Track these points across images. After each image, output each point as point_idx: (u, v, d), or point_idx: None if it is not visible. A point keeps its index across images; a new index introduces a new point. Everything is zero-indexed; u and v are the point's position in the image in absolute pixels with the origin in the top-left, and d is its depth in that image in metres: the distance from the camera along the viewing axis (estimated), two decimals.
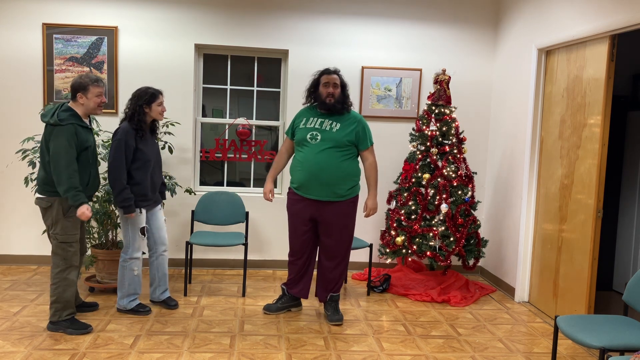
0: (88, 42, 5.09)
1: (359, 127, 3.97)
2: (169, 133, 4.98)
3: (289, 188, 4.10)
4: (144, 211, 4.00)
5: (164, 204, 4.27)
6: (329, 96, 3.93)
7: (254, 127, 5.47)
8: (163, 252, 4.22)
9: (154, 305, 4.25)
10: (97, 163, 3.87)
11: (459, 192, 4.77)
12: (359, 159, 4.07)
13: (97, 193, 4.36)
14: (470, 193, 4.82)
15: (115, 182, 3.83)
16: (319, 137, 3.90)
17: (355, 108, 5.33)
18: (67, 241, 3.61)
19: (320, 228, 4.02)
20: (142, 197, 3.95)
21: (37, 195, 3.63)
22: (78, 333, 3.65)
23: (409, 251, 4.79)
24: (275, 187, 5.57)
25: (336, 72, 4.01)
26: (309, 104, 4.10)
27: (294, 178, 4.02)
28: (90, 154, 3.65)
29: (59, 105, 3.60)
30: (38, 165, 4.75)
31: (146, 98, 3.92)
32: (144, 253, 4.07)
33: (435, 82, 4.93)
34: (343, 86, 4.00)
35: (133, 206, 3.87)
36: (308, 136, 3.93)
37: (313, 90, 4.03)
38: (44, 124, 3.57)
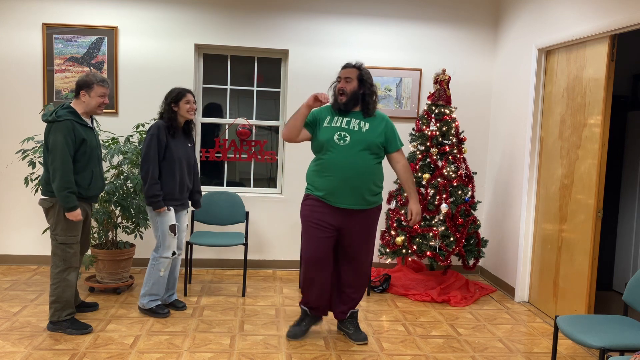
0: (88, 42, 5.09)
1: (387, 128, 3.60)
2: None
3: (308, 195, 3.65)
4: (172, 209, 4.00)
5: (188, 211, 4.26)
6: (339, 93, 3.57)
7: (254, 127, 5.47)
8: (177, 255, 4.19)
9: None
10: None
11: (459, 192, 4.77)
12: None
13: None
14: (470, 193, 4.82)
15: (147, 175, 3.86)
16: (348, 139, 3.49)
17: None
18: (66, 242, 3.62)
19: (345, 239, 3.62)
20: (168, 196, 3.96)
21: (40, 196, 3.66)
22: (78, 333, 3.66)
23: (409, 251, 4.79)
24: (275, 186, 5.58)
25: (354, 65, 3.60)
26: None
27: (320, 185, 3.56)
28: (90, 153, 3.64)
29: (61, 104, 3.63)
30: (38, 165, 4.75)
31: (173, 96, 3.97)
32: (174, 253, 4.05)
33: (435, 82, 4.93)
34: (362, 81, 3.56)
35: (161, 202, 3.89)
36: (336, 137, 3.50)
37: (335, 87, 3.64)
38: (45, 124, 3.59)
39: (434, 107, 4.89)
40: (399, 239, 4.71)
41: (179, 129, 4.04)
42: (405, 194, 4.84)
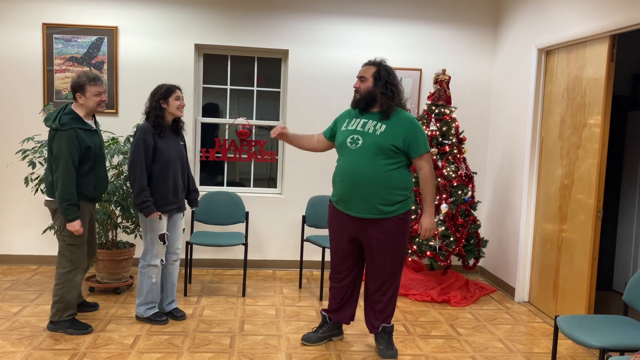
0: (88, 42, 5.09)
1: (409, 131, 3.29)
2: None
3: (330, 200, 3.58)
4: (164, 217, 3.83)
5: (184, 213, 4.09)
6: (355, 92, 3.42)
7: (254, 127, 5.48)
8: (173, 261, 4.05)
9: None
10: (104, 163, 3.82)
11: (459, 192, 4.77)
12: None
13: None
14: (470, 193, 4.82)
15: (135, 183, 3.69)
16: (360, 142, 3.30)
17: None
18: (74, 243, 3.61)
19: (365, 249, 3.46)
20: (163, 200, 3.79)
21: (46, 197, 3.64)
22: (78, 333, 3.66)
23: (409, 251, 4.79)
24: (275, 187, 5.58)
25: (372, 62, 3.42)
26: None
27: (334, 190, 3.46)
28: (95, 156, 3.61)
29: (62, 107, 3.57)
30: (39, 165, 4.76)
31: (162, 93, 3.77)
32: (162, 261, 3.91)
33: (435, 82, 4.93)
34: (377, 79, 3.35)
35: (152, 207, 3.70)
36: (348, 140, 3.34)
37: None
38: (48, 128, 3.56)
39: (434, 107, 4.89)
40: None
41: (166, 127, 3.82)
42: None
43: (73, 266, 3.63)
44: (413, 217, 4.73)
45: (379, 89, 3.34)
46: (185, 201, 4.12)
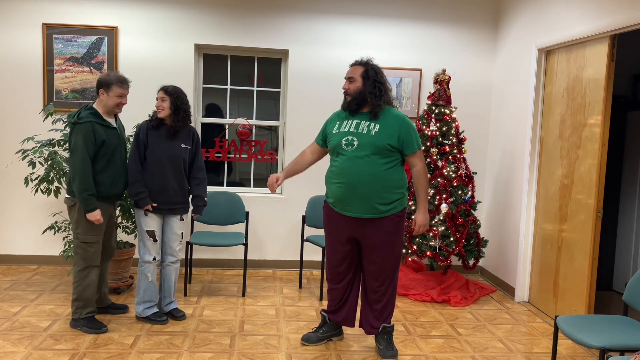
0: (88, 42, 5.09)
1: (402, 129, 3.32)
2: None
3: (324, 201, 3.58)
4: (154, 215, 3.83)
5: (184, 217, 4.00)
6: (345, 94, 3.43)
7: (254, 127, 5.48)
8: (170, 263, 4.00)
9: None
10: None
11: (459, 192, 4.77)
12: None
13: None
14: (470, 193, 4.82)
15: (128, 174, 3.81)
16: (355, 143, 3.31)
17: None
18: (87, 241, 3.64)
19: (362, 248, 3.48)
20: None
21: (65, 195, 3.72)
22: (92, 332, 3.69)
23: (409, 251, 4.79)
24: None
25: (359, 62, 3.43)
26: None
27: (329, 192, 3.47)
28: (112, 153, 3.66)
29: (85, 105, 3.68)
30: (39, 165, 4.76)
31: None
32: (155, 258, 3.89)
33: (435, 82, 4.93)
34: (366, 79, 3.34)
35: (147, 199, 3.75)
36: (343, 142, 3.35)
37: None
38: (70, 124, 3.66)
39: (434, 107, 4.89)
40: None
41: (163, 126, 3.85)
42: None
43: (86, 264, 3.67)
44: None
45: (368, 88, 3.34)
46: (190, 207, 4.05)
